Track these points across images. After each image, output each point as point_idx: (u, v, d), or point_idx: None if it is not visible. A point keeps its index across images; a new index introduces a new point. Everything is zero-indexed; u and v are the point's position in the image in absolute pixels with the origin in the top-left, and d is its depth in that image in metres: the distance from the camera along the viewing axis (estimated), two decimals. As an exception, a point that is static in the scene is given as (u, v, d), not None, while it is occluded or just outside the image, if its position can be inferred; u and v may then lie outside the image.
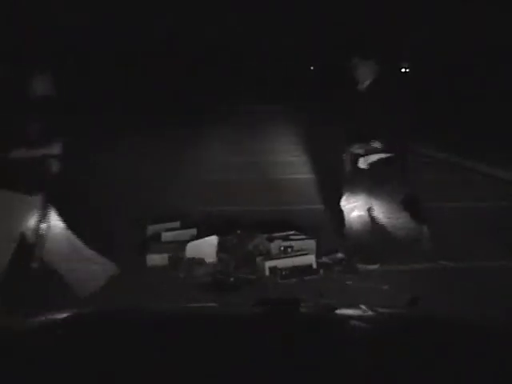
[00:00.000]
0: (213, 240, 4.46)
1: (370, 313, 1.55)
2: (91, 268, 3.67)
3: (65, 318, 1.52)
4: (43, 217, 3.45)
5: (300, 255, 4.38)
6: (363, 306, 1.55)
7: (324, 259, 4.45)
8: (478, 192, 7.11)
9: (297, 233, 4.75)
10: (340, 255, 4.55)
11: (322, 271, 4.30)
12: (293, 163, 9.77)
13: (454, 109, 15.38)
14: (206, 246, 4.42)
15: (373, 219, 4.40)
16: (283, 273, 4.19)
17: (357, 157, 4.22)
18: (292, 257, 4.36)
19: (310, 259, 4.33)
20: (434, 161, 10.04)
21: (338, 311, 1.62)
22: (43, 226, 3.45)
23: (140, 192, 6.71)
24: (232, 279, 4.09)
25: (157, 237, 4.84)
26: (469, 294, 3.80)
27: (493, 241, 4.93)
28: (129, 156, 9.65)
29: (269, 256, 4.40)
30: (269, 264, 4.23)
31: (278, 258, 4.34)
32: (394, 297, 3.77)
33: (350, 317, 1.55)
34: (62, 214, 3.64)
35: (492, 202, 6.43)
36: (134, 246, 4.74)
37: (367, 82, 4.24)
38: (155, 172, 8.24)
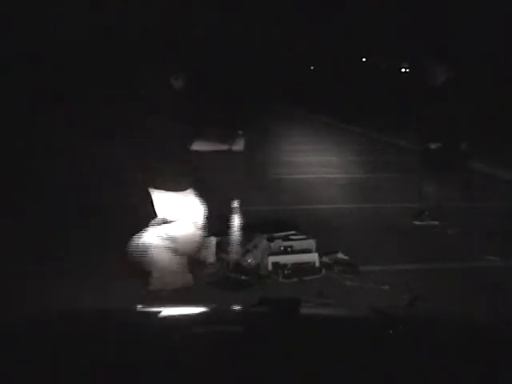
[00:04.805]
0: (212, 240, 4.46)
1: (370, 313, 1.55)
2: None
3: (64, 314, 1.52)
4: None
5: (303, 252, 4.39)
6: (363, 306, 1.55)
7: (324, 259, 4.45)
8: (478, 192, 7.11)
9: (297, 233, 4.75)
10: (340, 255, 4.55)
11: (324, 270, 4.30)
12: (293, 163, 9.79)
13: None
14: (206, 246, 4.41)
15: None
16: (285, 272, 4.19)
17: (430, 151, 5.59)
18: (296, 253, 4.37)
19: (313, 257, 4.33)
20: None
21: (337, 311, 1.62)
22: None
23: (140, 192, 6.70)
24: (231, 279, 4.09)
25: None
26: (468, 294, 3.80)
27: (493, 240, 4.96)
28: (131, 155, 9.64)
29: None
30: (272, 259, 4.24)
31: (282, 254, 4.35)
32: (393, 297, 3.78)
33: (350, 317, 1.55)
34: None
35: (495, 203, 6.44)
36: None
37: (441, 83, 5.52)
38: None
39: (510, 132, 10.65)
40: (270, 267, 4.22)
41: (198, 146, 4.10)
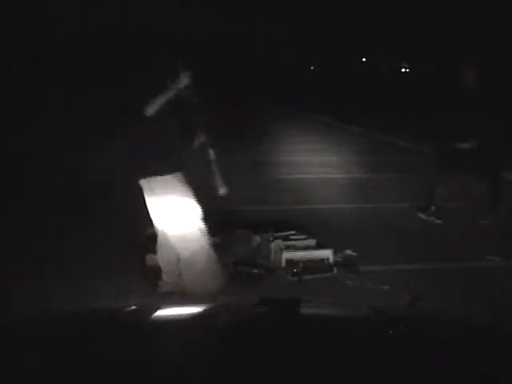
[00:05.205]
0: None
1: (370, 313, 1.55)
2: None
3: (64, 314, 1.52)
4: None
5: (317, 249, 4.44)
6: (363, 306, 1.55)
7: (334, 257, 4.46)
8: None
9: (297, 233, 4.75)
10: (339, 255, 4.55)
11: (335, 269, 4.30)
12: (293, 163, 9.79)
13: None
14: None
15: None
16: (294, 270, 4.19)
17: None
18: (310, 249, 4.40)
19: (327, 254, 4.35)
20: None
21: (337, 311, 1.62)
22: None
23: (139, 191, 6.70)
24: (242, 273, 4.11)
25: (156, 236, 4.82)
26: (468, 294, 3.80)
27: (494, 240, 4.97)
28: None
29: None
30: (286, 255, 4.26)
31: (296, 250, 4.38)
32: (393, 297, 3.78)
33: (350, 317, 1.55)
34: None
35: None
36: (134, 245, 4.74)
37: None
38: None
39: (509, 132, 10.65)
40: (283, 263, 4.25)
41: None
